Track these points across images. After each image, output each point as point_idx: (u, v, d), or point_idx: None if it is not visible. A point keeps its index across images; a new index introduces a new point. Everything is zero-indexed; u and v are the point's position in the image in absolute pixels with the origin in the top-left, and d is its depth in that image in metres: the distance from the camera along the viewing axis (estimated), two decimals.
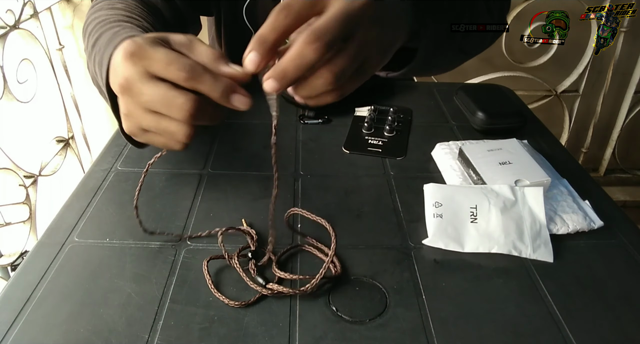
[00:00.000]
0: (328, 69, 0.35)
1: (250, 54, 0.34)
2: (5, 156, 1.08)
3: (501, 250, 0.50)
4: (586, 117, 1.71)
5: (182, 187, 0.59)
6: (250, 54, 0.34)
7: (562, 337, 0.42)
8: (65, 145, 1.35)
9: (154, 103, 0.36)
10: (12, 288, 0.45)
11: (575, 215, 0.53)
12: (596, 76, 1.62)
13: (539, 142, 0.69)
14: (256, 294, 0.44)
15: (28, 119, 1.21)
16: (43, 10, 1.24)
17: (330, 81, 0.35)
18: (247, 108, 0.35)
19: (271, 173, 0.42)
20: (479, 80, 1.58)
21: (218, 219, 0.54)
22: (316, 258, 0.49)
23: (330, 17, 0.34)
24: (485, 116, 0.71)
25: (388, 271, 0.48)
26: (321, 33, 0.33)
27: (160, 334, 0.41)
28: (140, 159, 0.64)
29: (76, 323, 0.41)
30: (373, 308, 0.44)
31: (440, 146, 0.66)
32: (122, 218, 0.54)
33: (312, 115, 0.75)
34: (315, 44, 0.33)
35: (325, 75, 0.35)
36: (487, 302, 0.45)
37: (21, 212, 1.13)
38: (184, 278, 0.46)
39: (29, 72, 1.14)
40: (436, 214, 0.52)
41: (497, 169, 0.57)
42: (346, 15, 0.35)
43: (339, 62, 0.35)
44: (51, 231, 0.52)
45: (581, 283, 0.47)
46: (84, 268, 0.47)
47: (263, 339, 0.40)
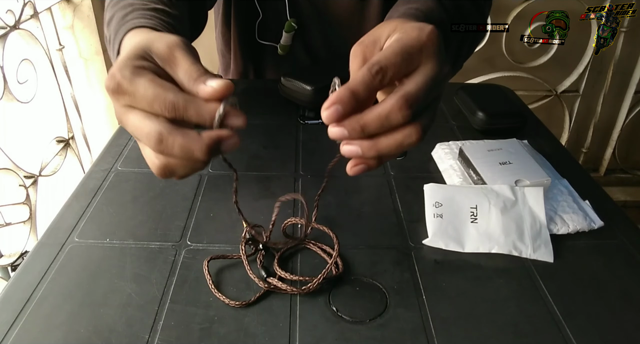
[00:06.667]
0: (416, 128, 0.34)
1: (333, 107, 0.33)
2: (6, 156, 1.08)
3: (501, 250, 0.50)
4: (586, 117, 1.71)
5: (182, 187, 0.59)
6: (334, 107, 0.33)
7: (562, 337, 0.42)
8: (66, 145, 1.35)
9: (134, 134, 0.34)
10: (12, 288, 0.45)
11: (575, 215, 0.53)
12: (596, 76, 1.62)
13: (539, 142, 0.69)
14: (256, 293, 0.44)
15: (28, 119, 1.21)
16: (43, 10, 1.24)
17: (418, 140, 0.34)
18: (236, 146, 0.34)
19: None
20: (479, 80, 1.58)
21: (218, 219, 0.54)
22: (317, 258, 0.49)
23: (422, 85, 0.34)
24: (485, 116, 0.71)
25: (388, 271, 0.48)
26: (412, 101, 0.33)
27: (160, 334, 0.41)
28: (140, 159, 0.64)
29: (76, 323, 0.41)
30: (373, 308, 0.44)
31: (441, 146, 0.66)
32: (122, 218, 0.54)
33: (312, 115, 0.75)
34: (406, 112, 0.32)
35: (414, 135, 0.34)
36: (487, 302, 0.45)
37: (21, 213, 1.13)
38: (184, 278, 0.46)
39: (29, 73, 1.14)
40: (436, 214, 0.52)
41: (497, 169, 0.57)
42: (435, 82, 0.35)
43: (425, 121, 0.34)
44: (51, 231, 0.52)
45: (581, 283, 0.47)
46: (84, 268, 0.47)
47: (263, 339, 0.40)
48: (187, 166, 0.35)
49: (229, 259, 0.48)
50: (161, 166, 0.35)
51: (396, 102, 0.32)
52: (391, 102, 0.32)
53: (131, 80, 0.33)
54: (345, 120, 0.33)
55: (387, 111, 0.33)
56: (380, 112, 0.33)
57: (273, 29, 0.84)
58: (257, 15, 0.82)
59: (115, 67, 0.34)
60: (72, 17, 1.40)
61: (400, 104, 0.32)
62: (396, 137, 0.34)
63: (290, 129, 0.72)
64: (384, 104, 0.33)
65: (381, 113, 0.33)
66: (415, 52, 0.34)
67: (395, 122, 0.33)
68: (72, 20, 1.40)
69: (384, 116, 0.33)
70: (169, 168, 0.35)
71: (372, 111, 0.33)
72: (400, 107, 0.32)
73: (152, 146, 0.33)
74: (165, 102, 0.32)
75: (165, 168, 0.35)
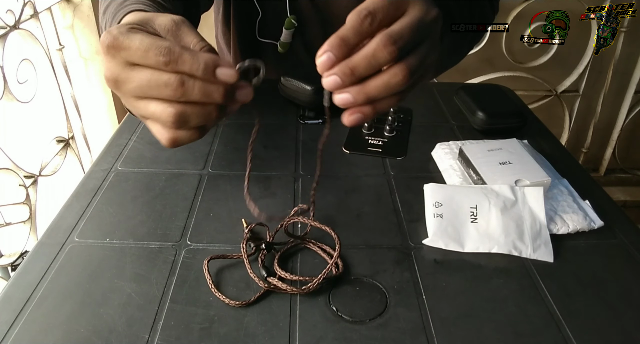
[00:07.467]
0: (402, 67, 0.35)
1: (326, 54, 0.34)
2: (6, 156, 1.08)
3: (501, 250, 0.50)
4: (586, 117, 1.71)
5: (182, 187, 0.59)
6: (327, 54, 0.34)
7: (562, 337, 0.42)
8: (65, 145, 1.35)
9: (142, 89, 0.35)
10: (12, 288, 0.45)
11: (575, 215, 0.53)
12: (596, 76, 1.62)
13: (539, 142, 0.69)
14: (256, 293, 0.44)
15: (28, 119, 1.21)
16: (43, 10, 1.24)
17: (404, 80, 0.35)
18: (234, 81, 0.34)
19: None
20: (479, 80, 1.58)
21: (218, 219, 0.54)
22: (317, 258, 0.49)
23: (407, 24, 0.35)
24: (485, 116, 0.71)
25: (388, 271, 0.48)
26: (397, 37, 0.34)
27: (160, 334, 0.41)
28: (140, 159, 0.64)
29: (76, 323, 0.41)
30: (373, 308, 0.44)
31: (440, 146, 0.66)
32: (122, 218, 0.54)
33: (312, 115, 0.75)
34: (391, 47, 0.34)
35: (400, 74, 0.35)
36: (487, 302, 0.45)
37: (21, 213, 1.13)
38: (184, 278, 0.46)
39: (29, 72, 1.14)
40: (436, 214, 0.52)
41: (497, 169, 0.57)
42: (421, 23, 0.36)
43: (411, 61, 0.35)
44: (51, 231, 0.52)
45: (581, 283, 0.47)
46: (84, 268, 0.47)
47: (263, 339, 0.40)
48: (202, 113, 0.35)
49: (228, 259, 0.48)
50: (176, 113, 0.34)
51: (380, 40, 0.34)
52: (376, 41, 0.34)
53: (127, 35, 0.34)
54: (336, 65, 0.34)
55: (372, 49, 0.34)
56: (366, 52, 0.34)
57: (273, 27, 0.84)
58: (257, 13, 0.82)
59: (113, 27, 0.35)
60: (72, 16, 1.40)
61: (384, 41, 0.33)
62: (383, 77, 0.35)
63: (290, 129, 0.72)
64: (370, 44, 0.34)
65: (367, 52, 0.34)
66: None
67: (382, 60, 0.34)
68: (72, 20, 1.40)
69: (370, 55, 0.34)
70: (183, 116, 0.34)
71: (360, 52, 0.34)
72: (385, 44, 0.33)
73: (172, 90, 0.33)
74: (161, 48, 0.33)
75: (180, 116, 0.34)
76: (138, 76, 0.34)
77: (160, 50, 0.33)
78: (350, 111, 0.36)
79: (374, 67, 0.34)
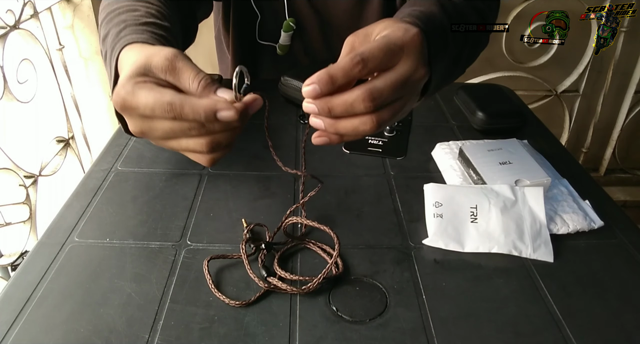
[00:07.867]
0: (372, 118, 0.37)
1: (312, 86, 0.36)
2: (6, 156, 1.08)
3: (501, 250, 0.50)
4: (586, 117, 1.70)
5: (182, 187, 0.59)
6: (313, 86, 0.36)
7: (562, 337, 0.42)
8: (66, 145, 1.35)
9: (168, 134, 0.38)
10: (12, 288, 0.45)
11: (575, 215, 0.53)
12: (596, 76, 1.62)
13: (539, 142, 0.69)
14: (256, 293, 0.44)
15: (28, 119, 1.20)
16: (43, 10, 1.24)
17: (372, 129, 0.38)
18: (236, 118, 0.36)
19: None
20: (479, 80, 1.58)
21: (218, 219, 0.54)
22: (317, 258, 0.49)
23: (391, 82, 0.37)
24: (485, 116, 0.71)
25: (388, 271, 0.48)
26: (377, 95, 0.36)
27: (160, 334, 0.41)
28: (140, 159, 0.64)
29: (76, 323, 0.41)
30: (373, 308, 0.44)
31: (441, 146, 0.66)
32: (122, 218, 0.54)
33: None
34: (368, 103, 0.36)
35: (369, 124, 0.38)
36: (487, 302, 0.45)
37: (21, 212, 1.13)
38: (184, 278, 0.46)
39: (29, 72, 1.14)
40: (436, 214, 0.52)
41: (497, 169, 0.57)
42: (405, 82, 0.38)
43: (384, 114, 0.38)
44: (51, 231, 0.52)
45: (581, 283, 0.47)
46: (84, 268, 0.47)
47: (263, 339, 0.40)
48: (230, 135, 0.39)
49: (228, 259, 0.48)
50: (207, 143, 0.38)
51: (362, 93, 0.36)
52: (357, 93, 0.36)
53: (134, 93, 0.36)
54: (319, 98, 0.37)
55: (352, 99, 0.36)
56: (346, 100, 0.37)
57: (272, 29, 0.84)
58: (256, 16, 0.83)
59: (119, 85, 0.38)
60: (72, 16, 1.40)
61: (364, 96, 0.36)
62: (354, 122, 0.38)
63: (290, 129, 0.72)
64: (351, 92, 0.37)
65: (347, 100, 0.36)
66: (397, 49, 0.38)
67: (357, 110, 0.37)
68: (72, 20, 1.40)
69: (349, 104, 0.36)
70: (215, 143, 0.38)
71: (341, 96, 0.37)
72: (364, 99, 0.36)
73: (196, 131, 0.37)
74: (164, 105, 0.36)
75: (212, 144, 0.38)
76: (160, 126, 0.37)
77: (164, 108, 0.36)
78: (320, 133, 0.40)
79: (349, 112, 0.37)
